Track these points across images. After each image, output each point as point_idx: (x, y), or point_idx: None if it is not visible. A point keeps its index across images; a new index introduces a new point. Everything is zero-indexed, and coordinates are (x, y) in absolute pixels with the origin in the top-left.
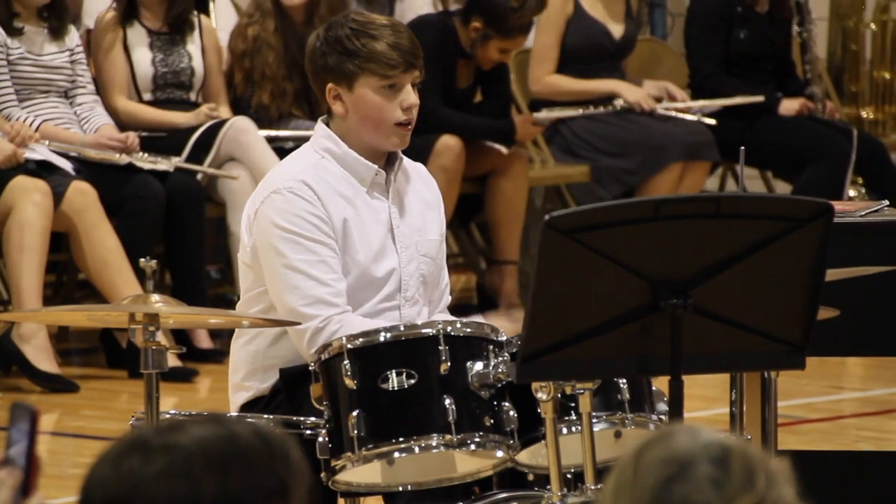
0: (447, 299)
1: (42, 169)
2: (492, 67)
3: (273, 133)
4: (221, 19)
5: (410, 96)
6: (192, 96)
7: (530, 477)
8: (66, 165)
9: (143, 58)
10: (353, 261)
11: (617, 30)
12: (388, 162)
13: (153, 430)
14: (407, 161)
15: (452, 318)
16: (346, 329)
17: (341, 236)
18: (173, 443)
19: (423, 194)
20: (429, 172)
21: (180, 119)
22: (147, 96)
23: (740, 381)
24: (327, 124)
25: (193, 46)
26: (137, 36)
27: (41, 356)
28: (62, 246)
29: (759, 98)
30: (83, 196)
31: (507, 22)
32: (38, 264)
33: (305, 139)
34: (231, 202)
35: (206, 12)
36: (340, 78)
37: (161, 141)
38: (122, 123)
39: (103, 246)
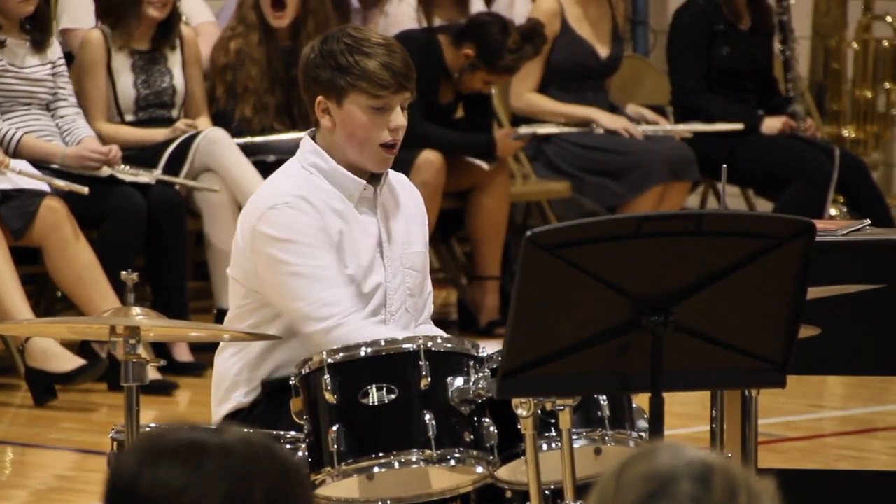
0: (430, 309)
1: (11, 190)
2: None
3: (252, 140)
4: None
5: (399, 118)
6: (174, 113)
7: (508, 493)
8: (42, 187)
9: (126, 81)
10: (351, 275)
11: (603, 50)
12: (373, 175)
13: (203, 431)
14: (391, 173)
15: (435, 331)
16: (358, 333)
17: (337, 249)
18: (228, 444)
19: (408, 206)
20: (412, 184)
21: (159, 137)
22: (129, 117)
23: (721, 399)
24: (313, 138)
25: (174, 62)
26: (121, 58)
27: (61, 360)
28: (40, 259)
29: (738, 126)
30: (54, 213)
31: (501, 60)
32: (12, 280)
33: (284, 149)
34: (208, 213)
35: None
36: (331, 92)
37: (135, 157)
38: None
39: (78, 262)
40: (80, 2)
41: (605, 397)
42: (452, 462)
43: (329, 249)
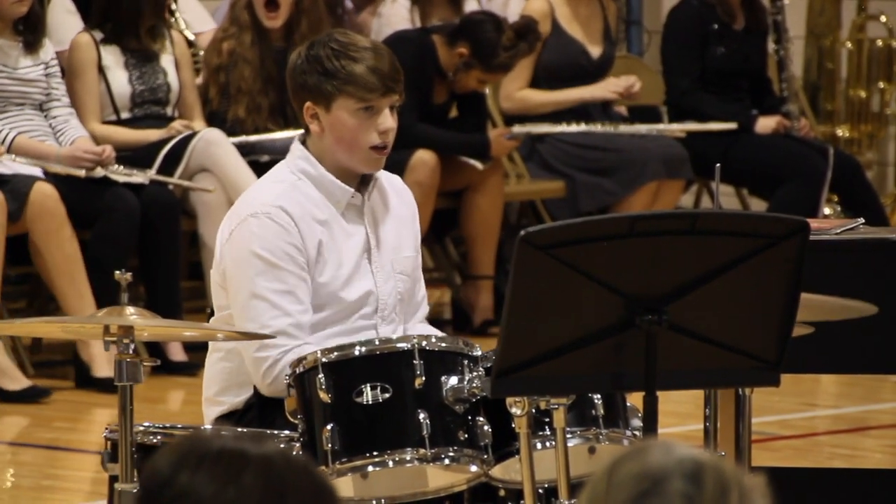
0: (425, 310)
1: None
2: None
3: (246, 139)
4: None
5: (387, 120)
6: (169, 111)
7: (502, 492)
8: (36, 172)
9: (120, 78)
10: (326, 283)
11: (595, 50)
12: (362, 180)
13: (246, 441)
14: (382, 175)
15: (430, 330)
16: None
17: (314, 261)
18: (269, 457)
19: (398, 210)
20: (404, 184)
21: (154, 136)
22: (125, 115)
23: (714, 398)
24: (303, 142)
25: (168, 62)
26: (113, 56)
27: (7, 378)
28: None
29: (732, 126)
30: (45, 197)
31: (495, 58)
32: None
33: (278, 148)
34: (203, 213)
35: (171, 13)
36: (318, 97)
37: (129, 157)
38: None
39: (60, 252)
40: (64, 23)
41: (599, 396)
42: (447, 461)
43: (298, 271)
